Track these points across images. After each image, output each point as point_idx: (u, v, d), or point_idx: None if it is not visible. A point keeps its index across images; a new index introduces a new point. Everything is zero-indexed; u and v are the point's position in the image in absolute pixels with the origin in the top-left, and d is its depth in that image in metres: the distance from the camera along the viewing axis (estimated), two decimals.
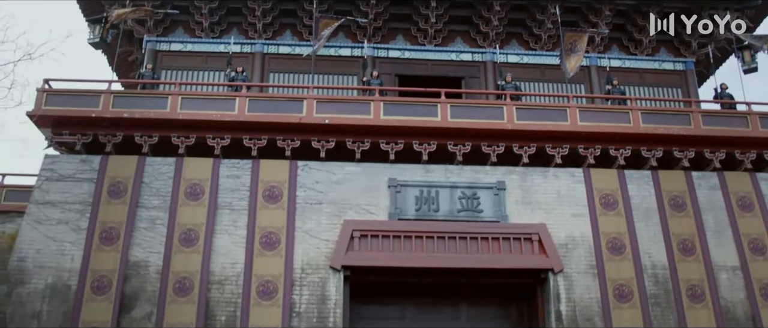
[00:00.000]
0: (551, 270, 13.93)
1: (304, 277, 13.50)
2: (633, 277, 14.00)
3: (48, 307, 13.00)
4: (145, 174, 14.23)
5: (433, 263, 13.85)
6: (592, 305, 13.77)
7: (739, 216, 14.97)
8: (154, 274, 13.35)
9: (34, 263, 13.30)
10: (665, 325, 13.75)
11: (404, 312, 15.25)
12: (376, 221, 14.13)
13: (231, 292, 13.29)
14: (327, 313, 13.28)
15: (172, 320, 12.98)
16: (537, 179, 14.89)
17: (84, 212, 13.76)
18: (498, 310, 15.51)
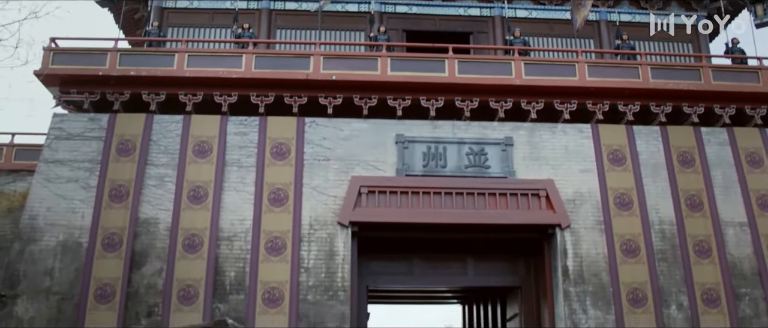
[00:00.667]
0: (558, 226, 13.87)
1: (312, 233, 13.52)
2: (640, 232, 13.94)
3: (60, 264, 13.10)
4: (153, 132, 14.18)
5: (440, 219, 13.81)
6: (598, 260, 13.75)
7: (747, 172, 14.81)
8: (164, 231, 13.40)
9: (45, 220, 13.37)
10: (671, 280, 13.73)
11: (412, 267, 15.29)
12: (384, 177, 14.07)
13: (240, 248, 13.34)
14: (335, 268, 13.32)
15: (182, 276, 13.05)
16: (545, 135, 14.75)
17: (93, 170, 13.77)
18: (505, 265, 15.52)
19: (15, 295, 12.83)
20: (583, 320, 13.37)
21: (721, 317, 13.57)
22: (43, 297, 12.83)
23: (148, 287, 13.07)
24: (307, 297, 13.11)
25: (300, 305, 13.01)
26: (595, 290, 13.55)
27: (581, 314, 13.41)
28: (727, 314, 13.58)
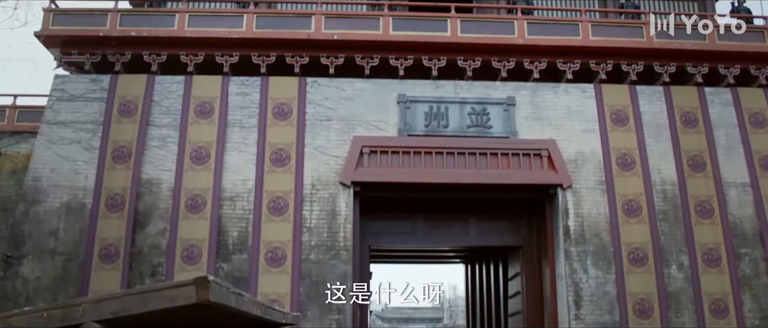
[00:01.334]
0: (560, 186, 13.76)
1: (314, 193, 13.45)
2: (642, 192, 13.84)
3: (64, 225, 13.06)
4: (155, 93, 14.02)
5: (442, 179, 13.69)
6: (600, 220, 13.67)
7: (751, 132, 14.62)
8: (167, 191, 13.34)
9: (48, 182, 13.31)
10: (672, 240, 13.66)
11: (414, 227, 15.25)
12: (386, 137, 13.92)
13: (242, 208, 13.29)
14: (337, 228, 13.27)
15: (186, 236, 13.03)
16: (547, 95, 14.55)
17: (95, 131, 13.65)
18: (507, 225, 15.45)
19: (21, 255, 12.84)
20: (583, 280, 13.34)
21: (721, 276, 13.53)
22: (49, 257, 12.84)
23: (151, 247, 13.06)
24: (309, 256, 13.09)
25: (302, 265, 13.00)
26: (596, 249, 13.51)
27: (582, 274, 13.38)
28: (727, 274, 13.53)
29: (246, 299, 3.31)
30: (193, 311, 3.00)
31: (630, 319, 13.11)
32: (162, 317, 3.02)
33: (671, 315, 13.25)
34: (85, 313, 2.91)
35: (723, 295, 13.42)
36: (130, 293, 2.87)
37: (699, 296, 13.38)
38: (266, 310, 3.94)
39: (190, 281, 2.78)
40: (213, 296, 2.76)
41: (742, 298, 13.46)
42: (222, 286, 2.87)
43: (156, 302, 2.83)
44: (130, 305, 2.86)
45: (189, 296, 2.77)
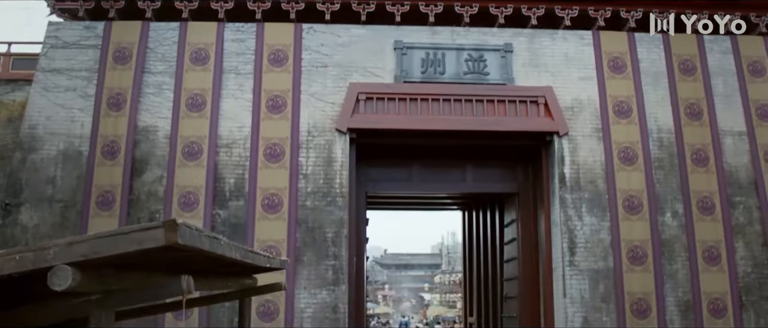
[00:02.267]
0: (556, 133, 13.59)
1: (311, 139, 13.30)
2: (638, 140, 13.68)
3: (61, 172, 12.94)
4: (150, 39, 13.73)
5: (438, 126, 13.50)
6: (595, 168, 13.55)
7: (749, 81, 14.35)
8: (163, 138, 13.20)
9: (45, 130, 13.14)
10: (667, 187, 13.56)
11: (411, 173, 15.13)
12: (382, 84, 13.66)
13: (239, 155, 13.16)
14: (333, 175, 13.17)
15: (183, 183, 12.93)
16: (545, 42, 14.25)
17: (91, 79, 13.41)
18: (503, 172, 15.32)
19: (19, 203, 12.76)
20: (578, 226, 13.29)
21: (715, 224, 13.46)
22: (46, 205, 12.77)
23: (148, 194, 12.98)
24: (305, 203, 13.02)
25: (299, 211, 12.93)
26: (591, 196, 13.42)
27: (576, 221, 13.32)
28: (721, 222, 13.46)
29: (222, 243, 3.20)
30: (167, 253, 2.91)
31: (624, 265, 13.08)
32: (137, 260, 2.92)
33: (664, 262, 13.22)
34: (56, 256, 2.82)
35: (716, 242, 13.38)
36: (100, 236, 2.77)
37: (692, 243, 13.33)
38: (247, 254, 3.84)
39: (159, 223, 2.68)
40: (181, 238, 2.66)
41: (735, 245, 13.42)
42: (192, 229, 2.76)
43: (125, 245, 2.72)
44: (99, 248, 2.76)
45: (158, 238, 2.67)
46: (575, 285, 13.08)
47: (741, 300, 13.20)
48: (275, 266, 5.02)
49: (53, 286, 2.77)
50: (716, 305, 13.13)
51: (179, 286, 2.84)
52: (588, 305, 13.00)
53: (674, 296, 13.15)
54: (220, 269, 4.42)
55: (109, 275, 3.04)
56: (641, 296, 13.04)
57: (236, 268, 4.45)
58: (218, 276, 4.59)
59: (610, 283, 13.07)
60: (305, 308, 12.60)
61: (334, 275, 12.77)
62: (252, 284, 5.34)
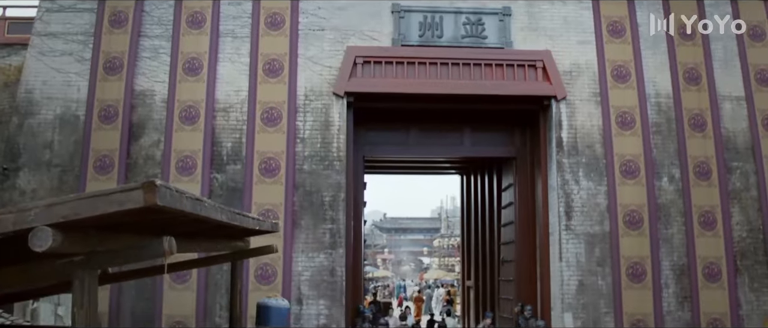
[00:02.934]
0: (554, 97, 13.47)
1: (308, 103, 13.19)
2: (636, 105, 13.56)
3: (59, 137, 12.86)
4: (146, 3, 13.48)
5: (436, 89, 13.36)
6: (593, 132, 13.47)
7: (749, 46, 14.17)
8: (160, 103, 13.10)
9: (41, 94, 13.02)
10: (665, 152, 13.48)
11: (409, 137, 15.05)
12: (380, 47, 13.49)
13: (236, 119, 13.07)
14: (330, 138, 13.09)
15: (180, 147, 12.87)
16: (544, 5, 14.02)
17: (87, 43, 13.25)
18: (501, 136, 15.24)
19: (17, 167, 12.72)
20: (575, 191, 13.26)
21: (712, 189, 13.41)
22: (45, 169, 12.72)
23: (146, 159, 12.93)
24: (303, 167, 12.97)
25: (296, 175, 12.89)
26: (588, 161, 13.37)
27: (573, 185, 13.29)
28: (718, 187, 13.42)
29: (206, 205, 3.16)
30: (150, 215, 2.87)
31: (620, 229, 13.09)
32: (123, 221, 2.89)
33: (660, 226, 13.22)
34: (37, 217, 2.78)
35: (712, 207, 13.36)
36: (81, 198, 2.73)
37: (689, 208, 13.31)
38: (234, 216, 3.80)
39: (138, 185, 2.64)
40: (161, 200, 2.61)
41: (731, 210, 13.40)
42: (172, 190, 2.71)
43: (105, 206, 2.68)
44: (80, 209, 2.72)
45: (137, 199, 2.63)
46: (571, 249, 13.09)
47: (736, 265, 13.22)
48: (265, 229, 4.99)
49: (34, 247, 2.74)
50: (711, 270, 13.15)
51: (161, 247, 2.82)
52: (584, 269, 13.03)
53: (669, 260, 13.17)
54: (210, 232, 4.39)
55: (92, 236, 3.01)
56: (637, 260, 13.05)
57: (226, 231, 4.41)
58: (208, 239, 4.56)
59: (606, 247, 13.08)
60: (303, 271, 12.63)
61: (332, 238, 12.78)
62: (244, 247, 5.32)
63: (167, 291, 12.36)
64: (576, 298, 12.94)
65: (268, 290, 12.22)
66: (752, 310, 13.12)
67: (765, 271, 13.25)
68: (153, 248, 2.86)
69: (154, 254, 2.89)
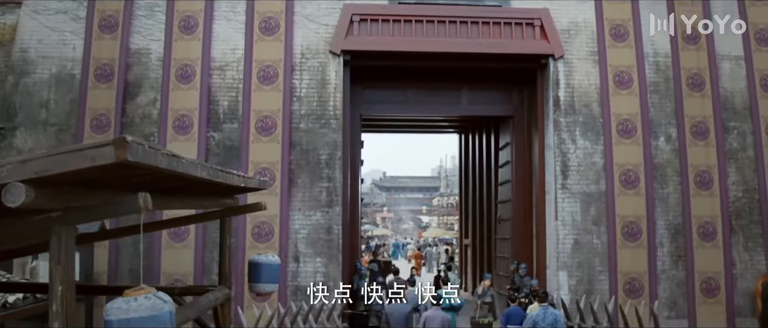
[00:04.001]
0: (552, 56, 13.31)
1: (304, 62, 13.05)
2: (634, 64, 13.39)
3: (54, 96, 12.73)
4: None
5: (433, 47, 13.16)
6: (590, 91, 13.34)
7: (749, 5, 13.86)
8: (156, 61, 12.96)
9: (36, 53, 12.87)
10: (662, 112, 13.36)
11: (406, 96, 14.94)
12: (376, 5, 13.26)
13: (232, 77, 12.94)
14: (327, 97, 12.96)
15: (176, 105, 12.76)
16: None
17: (81, 1, 12.96)
18: (498, 95, 15.10)
19: (13, 127, 12.64)
20: (571, 150, 13.19)
21: (709, 149, 13.33)
22: (41, 128, 12.65)
23: (142, 117, 12.85)
24: (299, 125, 12.89)
25: (293, 133, 12.81)
26: (585, 120, 13.26)
27: (570, 144, 13.21)
28: (715, 146, 13.35)
29: (183, 162, 3.10)
30: (124, 171, 2.83)
31: (616, 189, 13.06)
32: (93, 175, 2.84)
33: (657, 186, 13.18)
34: (10, 173, 2.73)
35: (708, 167, 13.29)
36: (52, 154, 2.68)
37: (685, 167, 13.25)
38: (216, 173, 3.74)
39: (110, 141, 2.59)
40: (132, 155, 2.56)
41: (727, 170, 13.34)
42: (144, 146, 2.66)
43: (77, 162, 2.63)
44: (51, 165, 2.67)
45: (108, 155, 2.58)
46: (567, 208, 13.08)
47: (731, 224, 13.21)
48: (252, 186, 4.95)
49: (7, 202, 2.70)
50: (706, 229, 13.14)
51: (136, 203, 2.78)
52: (579, 228, 13.02)
53: (665, 219, 13.16)
54: (194, 189, 4.36)
55: (66, 192, 2.97)
56: (632, 219, 13.05)
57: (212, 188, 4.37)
58: (193, 196, 4.53)
59: (601, 206, 13.06)
60: (299, 229, 12.64)
61: (328, 196, 12.76)
62: (232, 204, 5.29)
63: (166, 250, 12.39)
64: (571, 256, 12.97)
65: (265, 247, 12.27)
66: (746, 269, 13.14)
67: (759, 231, 13.23)
68: (128, 204, 2.82)
69: (130, 209, 2.85)
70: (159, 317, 2.84)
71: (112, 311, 2.80)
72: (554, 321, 8.95)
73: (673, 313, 12.93)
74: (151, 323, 2.82)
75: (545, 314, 9.01)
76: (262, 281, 5.45)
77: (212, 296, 5.07)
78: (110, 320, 2.79)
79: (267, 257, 5.53)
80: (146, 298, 2.85)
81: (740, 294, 13.04)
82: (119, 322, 2.78)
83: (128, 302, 2.81)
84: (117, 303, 2.81)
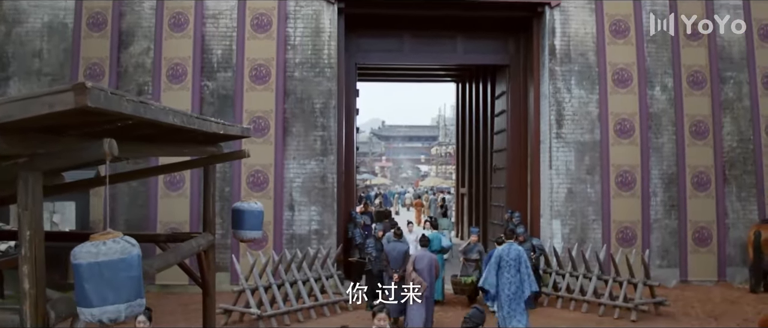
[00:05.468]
0: (548, 4, 13.02)
1: (298, 10, 12.78)
2: (631, 13, 13.11)
3: (47, 45, 12.56)
4: None
5: None
6: (586, 40, 13.11)
7: None
8: (149, 10, 12.69)
9: (28, 2, 12.59)
10: (658, 62, 13.16)
11: (402, 44, 14.69)
12: None
13: (226, 25, 12.71)
14: (321, 45, 12.74)
15: (170, 54, 12.57)
16: None
17: None
18: (494, 43, 14.84)
19: (6, 77, 12.49)
20: (566, 99, 13.04)
21: (705, 98, 13.19)
22: (35, 78, 12.50)
23: (136, 66, 12.70)
24: (294, 74, 12.73)
25: (287, 82, 12.65)
26: (580, 69, 13.09)
27: (565, 93, 13.06)
28: (711, 96, 13.22)
29: (152, 108, 3.02)
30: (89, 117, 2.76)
31: (610, 138, 12.97)
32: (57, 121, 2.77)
33: (651, 135, 13.08)
34: None
35: (704, 117, 13.17)
36: (12, 100, 2.60)
37: (680, 117, 13.13)
38: (191, 120, 3.65)
39: (69, 86, 2.52)
40: (92, 101, 2.48)
41: (723, 120, 13.25)
42: (105, 92, 2.58)
43: (37, 108, 2.55)
44: (12, 111, 2.60)
45: (67, 101, 2.50)
46: (561, 157, 13.01)
47: (724, 174, 13.16)
48: (234, 133, 4.87)
49: None
50: (700, 179, 13.10)
51: (102, 149, 2.71)
52: (573, 177, 12.98)
53: (659, 168, 13.10)
54: (174, 137, 4.28)
55: (32, 138, 2.90)
56: (627, 169, 12.99)
57: (193, 136, 4.30)
58: (173, 143, 4.45)
59: (596, 155, 12.99)
60: (294, 177, 12.60)
61: (323, 145, 12.69)
62: (216, 152, 5.23)
63: (162, 198, 12.39)
64: (565, 205, 12.95)
65: (260, 196, 12.25)
66: (738, 219, 13.14)
67: (753, 181, 13.19)
68: (94, 150, 2.75)
69: (95, 155, 2.79)
70: (128, 259, 2.81)
71: (81, 255, 2.75)
72: (518, 255, 9.13)
73: (664, 262, 12.98)
74: (121, 266, 2.78)
75: (510, 249, 9.19)
76: (245, 228, 5.45)
77: (195, 242, 5.04)
78: (80, 263, 2.75)
79: (250, 204, 5.51)
80: (115, 242, 2.80)
81: (732, 244, 13.06)
82: (89, 266, 2.74)
83: (98, 246, 2.76)
84: (86, 247, 2.76)
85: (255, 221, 5.44)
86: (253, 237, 5.64)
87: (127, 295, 2.81)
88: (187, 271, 5.42)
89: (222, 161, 5.64)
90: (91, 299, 2.76)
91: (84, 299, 2.77)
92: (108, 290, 2.77)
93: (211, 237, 5.43)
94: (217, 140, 5.13)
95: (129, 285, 2.82)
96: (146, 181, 12.31)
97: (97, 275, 2.76)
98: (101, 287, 2.76)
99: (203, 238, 5.28)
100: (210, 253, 5.42)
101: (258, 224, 5.50)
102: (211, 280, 5.51)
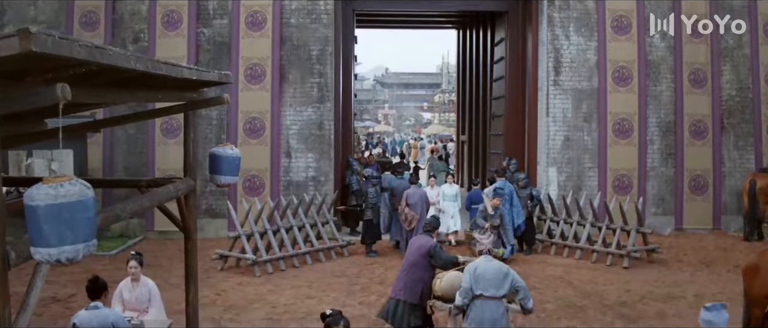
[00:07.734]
0: None
1: None
2: None
3: None
4: None
5: None
6: None
7: None
8: None
9: None
10: (659, 9, 12.88)
11: None
12: None
13: None
14: None
15: (165, 0, 12.53)
16: None
17: None
18: None
19: (2, 25, 12.33)
20: (564, 46, 12.85)
21: (703, 46, 12.96)
22: (30, 26, 12.44)
23: (132, 14, 12.56)
24: (290, 20, 12.56)
25: (283, 28, 12.50)
26: (579, 16, 12.84)
27: (563, 40, 12.86)
28: (710, 44, 12.92)
29: (109, 53, 2.96)
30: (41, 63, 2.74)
31: (608, 86, 12.83)
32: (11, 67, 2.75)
33: (650, 83, 12.94)
34: None
35: (702, 65, 12.98)
36: None
37: (679, 65, 12.94)
38: (157, 65, 3.60)
39: (15, 31, 2.49)
40: (38, 46, 2.45)
41: (722, 69, 13.07)
42: (54, 37, 2.54)
43: None
44: None
45: (12, 46, 2.48)
46: (558, 104, 12.89)
47: (722, 123, 13.03)
48: (209, 79, 4.82)
49: None
50: (698, 127, 12.99)
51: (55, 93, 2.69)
52: (570, 124, 12.89)
53: (656, 116, 12.99)
54: (148, 83, 4.24)
55: None
56: (624, 117, 12.89)
57: (168, 82, 4.26)
58: (146, 89, 4.41)
59: (593, 103, 12.87)
60: (291, 125, 12.56)
61: (320, 92, 12.60)
62: (196, 98, 5.20)
63: (159, 145, 12.41)
64: (561, 153, 12.90)
65: (257, 143, 12.27)
66: (734, 167, 13.06)
67: (750, 129, 13.06)
68: (48, 95, 2.73)
69: (49, 100, 2.77)
70: (85, 201, 2.80)
71: (39, 197, 2.72)
72: (511, 192, 10.66)
73: (660, 210, 12.97)
74: (79, 207, 2.77)
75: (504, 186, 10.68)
76: (222, 173, 5.47)
77: (173, 187, 5.04)
78: (37, 205, 2.73)
79: (225, 149, 5.50)
80: (71, 184, 2.78)
81: (728, 192, 13.02)
82: (48, 208, 2.73)
83: (56, 189, 2.74)
84: (43, 189, 2.73)
85: (230, 166, 5.45)
86: (229, 182, 5.66)
87: (84, 235, 2.81)
88: (169, 216, 5.44)
89: (200, 107, 5.60)
90: (50, 240, 2.75)
91: (41, 240, 2.76)
92: (67, 230, 2.76)
93: (191, 182, 5.43)
94: (197, 86, 5.09)
95: (86, 226, 2.81)
96: (144, 129, 12.32)
97: (56, 216, 2.75)
98: (60, 228, 2.75)
99: (183, 183, 5.27)
100: (191, 198, 5.42)
101: (234, 170, 5.51)
102: (192, 224, 5.53)
